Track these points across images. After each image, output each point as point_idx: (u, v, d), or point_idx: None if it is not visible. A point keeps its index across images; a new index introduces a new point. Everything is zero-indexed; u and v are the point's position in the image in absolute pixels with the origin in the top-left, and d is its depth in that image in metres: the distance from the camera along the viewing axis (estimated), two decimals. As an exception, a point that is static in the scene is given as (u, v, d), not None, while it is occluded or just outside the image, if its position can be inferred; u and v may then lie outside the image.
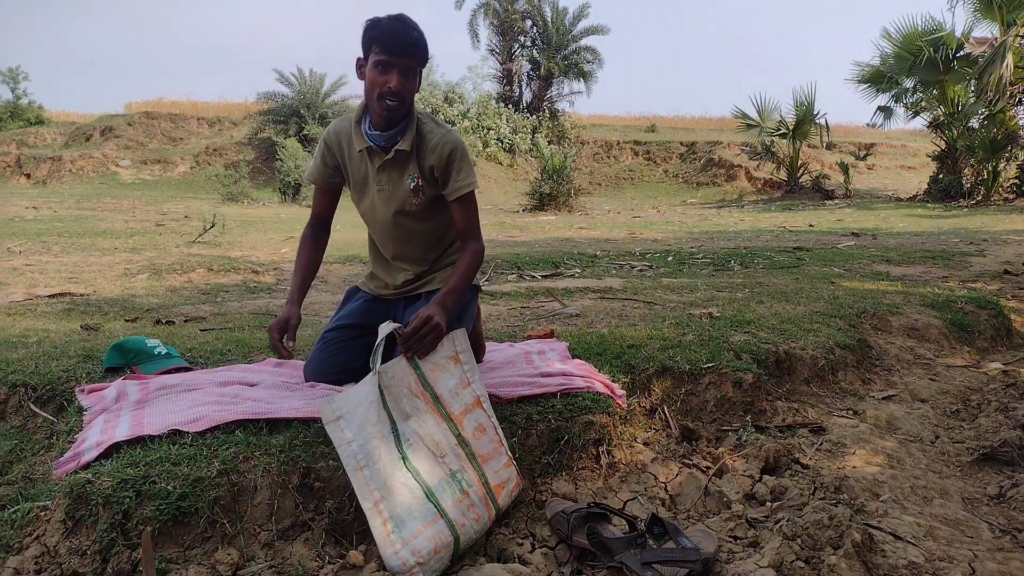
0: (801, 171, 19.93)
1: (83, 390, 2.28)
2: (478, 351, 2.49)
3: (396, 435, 1.84)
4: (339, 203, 2.46)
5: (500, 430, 2.03)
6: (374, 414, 1.83)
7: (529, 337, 3.07)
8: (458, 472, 1.88)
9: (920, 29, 15.72)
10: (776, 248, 7.75)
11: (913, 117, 17.55)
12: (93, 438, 1.95)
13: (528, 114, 26.52)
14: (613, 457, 2.28)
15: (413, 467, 1.83)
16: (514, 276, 5.99)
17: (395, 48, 2.06)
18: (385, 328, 1.91)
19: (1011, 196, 15.24)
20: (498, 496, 1.94)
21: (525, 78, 27.80)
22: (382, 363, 1.90)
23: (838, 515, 1.81)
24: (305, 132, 22.38)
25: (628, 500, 2.15)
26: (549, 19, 26.31)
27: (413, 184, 2.25)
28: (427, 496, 1.81)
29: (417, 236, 2.36)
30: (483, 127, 24.56)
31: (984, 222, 11.18)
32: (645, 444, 2.41)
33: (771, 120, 19.66)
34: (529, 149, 24.53)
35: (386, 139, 2.21)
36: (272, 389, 2.30)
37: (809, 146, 21.18)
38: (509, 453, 2.02)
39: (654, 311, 3.79)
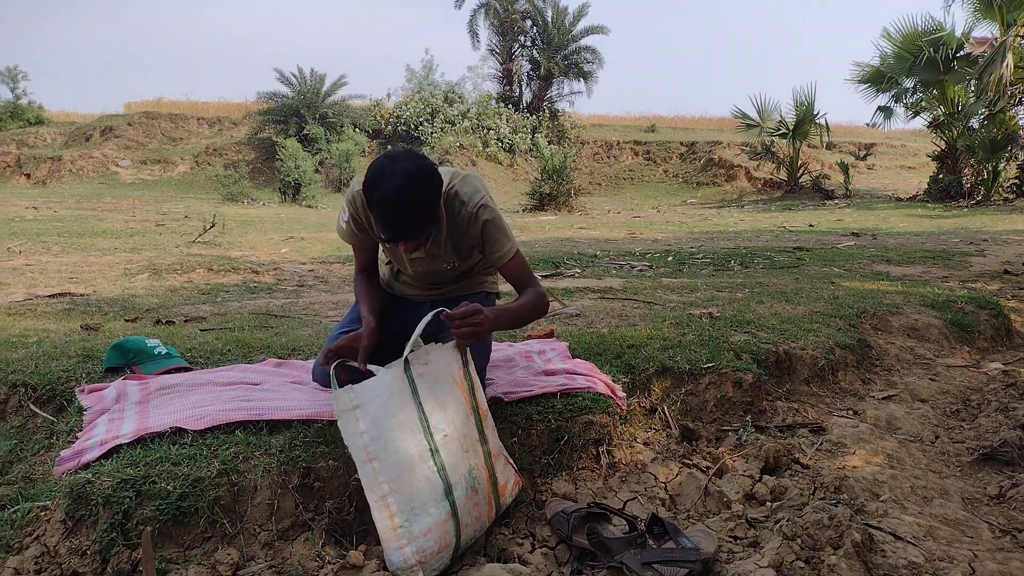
0: (801, 171, 19.93)
1: (83, 390, 2.28)
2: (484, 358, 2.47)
3: (426, 426, 1.78)
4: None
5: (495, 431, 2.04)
6: (395, 404, 1.77)
7: (529, 337, 3.07)
8: (473, 469, 1.85)
9: (920, 29, 15.71)
10: (776, 248, 7.75)
11: (913, 117, 17.55)
12: (98, 436, 1.95)
13: (528, 114, 26.52)
14: (613, 457, 2.28)
15: (441, 461, 1.78)
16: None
17: (393, 239, 1.90)
18: (429, 315, 1.86)
19: (1011, 196, 15.24)
20: (503, 495, 1.94)
21: (525, 78, 27.81)
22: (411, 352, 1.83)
23: (838, 515, 1.81)
24: (305, 132, 22.38)
25: (628, 500, 2.16)
26: (549, 19, 26.30)
27: (448, 267, 2.25)
28: (446, 493, 1.76)
29: (447, 280, 2.37)
30: (483, 127, 24.56)
31: (984, 222, 11.18)
32: (645, 444, 2.41)
33: (771, 120, 19.65)
34: (529, 149, 24.52)
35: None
36: (279, 390, 2.30)
37: (809, 146, 21.17)
38: (506, 452, 2.03)
39: (654, 311, 3.79)
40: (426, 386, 1.82)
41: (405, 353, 1.81)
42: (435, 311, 1.87)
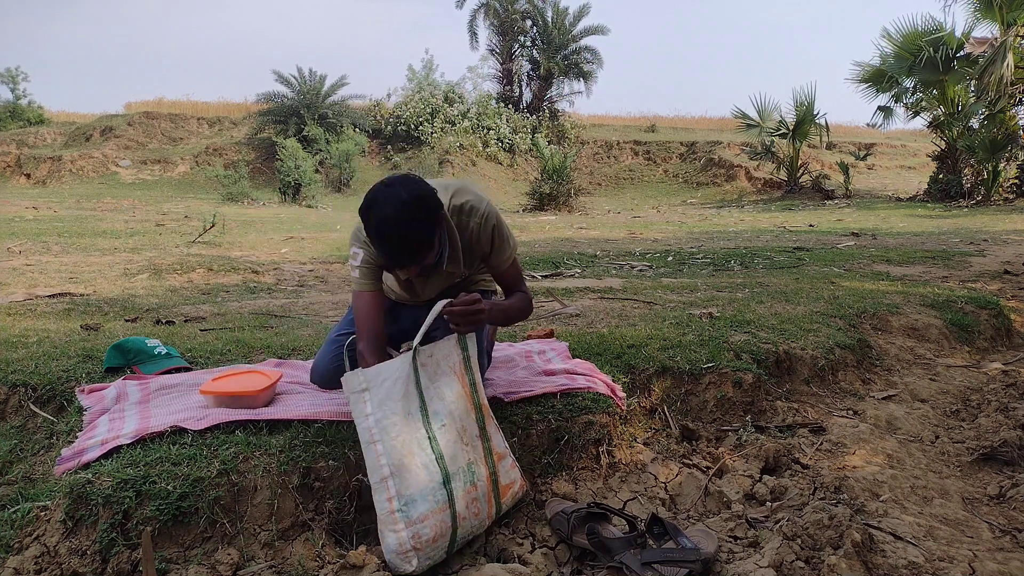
0: (801, 171, 19.92)
1: (83, 390, 2.28)
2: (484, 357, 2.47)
3: (425, 414, 1.84)
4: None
5: (501, 432, 2.04)
6: (400, 390, 1.82)
7: (529, 337, 3.07)
8: (472, 464, 1.87)
9: (920, 29, 15.72)
10: (776, 248, 7.75)
11: (913, 117, 17.54)
12: (98, 436, 1.95)
13: (528, 114, 26.50)
14: (613, 457, 2.28)
15: (439, 450, 1.82)
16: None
17: (392, 264, 1.93)
18: (437, 307, 1.88)
19: (1011, 196, 15.22)
20: (504, 496, 1.94)
21: (525, 78, 27.78)
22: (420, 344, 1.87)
23: (838, 515, 1.81)
24: (305, 132, 22.37)
25: (628, 500, 2.16)
26: (549, 19, 26.28)
27: (459, 280, 2.28)
28: (444, 482, 1.80)
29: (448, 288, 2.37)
30: (483, 127, 24.54)
31: (984, 222, 11.17)
32: (645, 444, 2.41)
33: (771, 120, 19.64)
34: (529, 149, 24.50)
35: None
36: (279, 390, 2.29)
37: (809, 146, 21.17)
38: (512, 456, 2.03)
39: (654, 311, 3.79)
40: (427, 376, 1.87)
41: (415, 342, 1.85)
42: (443, 301, 1.89)
